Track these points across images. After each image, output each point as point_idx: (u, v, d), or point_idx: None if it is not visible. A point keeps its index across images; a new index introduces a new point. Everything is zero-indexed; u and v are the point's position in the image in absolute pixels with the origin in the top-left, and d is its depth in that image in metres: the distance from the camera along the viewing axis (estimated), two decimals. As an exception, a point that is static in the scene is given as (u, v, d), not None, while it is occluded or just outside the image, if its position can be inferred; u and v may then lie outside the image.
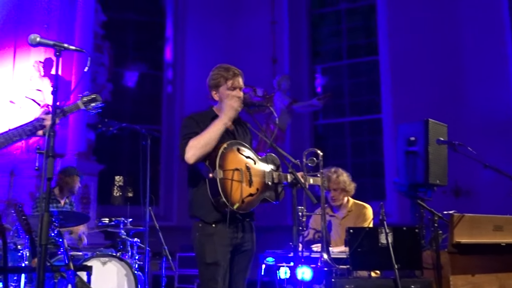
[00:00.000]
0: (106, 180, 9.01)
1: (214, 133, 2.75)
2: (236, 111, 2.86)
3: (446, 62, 8.47)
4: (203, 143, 2.73)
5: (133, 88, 10.59)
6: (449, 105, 8.02)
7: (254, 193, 2.81)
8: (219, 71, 2.97)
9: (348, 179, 4.25)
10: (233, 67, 3.01)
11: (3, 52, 7.94)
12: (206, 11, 10.18)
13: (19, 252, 4.39)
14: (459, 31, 8.53)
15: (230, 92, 2.90)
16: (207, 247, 2.76)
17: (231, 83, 2.93)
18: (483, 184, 7.27)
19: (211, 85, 2.97)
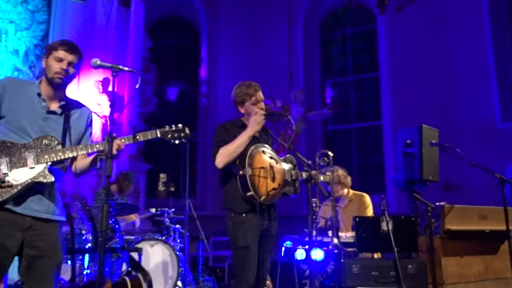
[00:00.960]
0: (153, 177, 9.10)
1: (241, 143, 2.77)
2: (260, 125, 2.86)
3: (437, 76, 8.35)
4: (230, 152, 2.76)
5: (174, 101, 10.69)
6: (440, 113, 7.90)
7: (276, 188, 2.83)
8: (242, 89, 2.96)
9: (343, 173, 4.24)
10: (253, 82, 2.99)
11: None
12: (234, 36, 10.23)
13: (83, 236, 4.46)
14: (448, 50, 8.40)
15: (256, 109, 2.88)
16: (239, 233, 2.77)
17: (254, 99, 2.93)
18: (470, 180, 7.13)
19: (237, 101, 2.98)
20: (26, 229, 2.10)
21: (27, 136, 2.15)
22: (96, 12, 8.54)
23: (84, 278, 4.16)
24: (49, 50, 2.24)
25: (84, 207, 3.62)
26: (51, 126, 2.21)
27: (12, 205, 2.06)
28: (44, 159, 2.11)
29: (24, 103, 2.18)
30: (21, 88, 2.22)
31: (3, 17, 7.79)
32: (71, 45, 2.25)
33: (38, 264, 2.10)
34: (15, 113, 2.15)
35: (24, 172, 2.07)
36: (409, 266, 3.17)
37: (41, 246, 2.11)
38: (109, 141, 2.03)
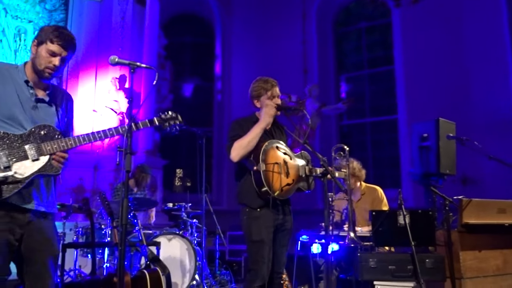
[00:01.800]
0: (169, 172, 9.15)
1: (254, 136, 2.78)
2: (272, 117, 2.88)
3: (453, 69, 8.21)
4: (245, 145, 2.77)
5: (190, 97, 10.74)
6: (456, 106, 7.77)
7: (290, 183, 2.83)
8: (259, 83, 2.98)
9: (358, 166, 4.20)
10: (270, 78, 3.02)
11: (87, 71, 8.19)
12: (248, 32, 10.21)
13: (103, 231, 4.52)
14: (464, 42, 8.25)
15: (268, 102, 2.90)
16: (253, 228, 2.78)
17: (270, 93, 2.94)
18: (488, 173, 7.02)
19: (253, 95, 3.00)
20: (26, 224, 2.06)
21: (20, 126, 2.04)
22: (112, 10, 8.60)
23: (104, 271, 4.22)
24: (43, 37, 2.08)
25: (104, 202, 3.66)
26: (40, 115, 2.12)
27: (15, 200, 2.00)
28: (47, 151, 2.03)
29: (10, 90, 2.05)
30: (6, 74, 2.08)
31: (22, 16, 7.90)
32: (68, 40, 2.12)
33: (37, 257, 2.08)
34: (4, 101, 2.02)
35: (27, 165, 1.99)
36: (427, 260, 3.13)
37: (39, 240, 2.09)
38: (127, 137, 2.04)
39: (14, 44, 7.77)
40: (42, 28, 2.14)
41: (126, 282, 3.05)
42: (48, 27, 2.13)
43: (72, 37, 2.15)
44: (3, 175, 1.91)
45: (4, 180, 1.92)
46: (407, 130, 8.32)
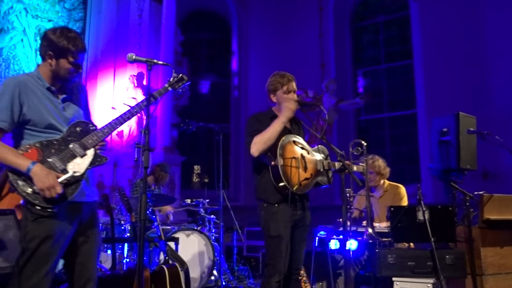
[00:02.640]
0: (187, 169, 9.23)
1: (275, 130, 2.76)
2: (293, 112, 2.86)
3: (473, 62, 8.04)
4: (265, 139, 2.75)
5: (207, 94, 10.78)
6: (477, 100, 7.62)
7: (309, 178, 2.81)
8: (276, 78, 2.98)
9: (383, 164, 4.18)
10: (287, 73, 3.00)
11: (106, 69, 8.29)
12: (264, 28, 10.19)
13: (122, 226, 4.59)
14: (484, 34, 8.07)
15: (287, 96, 2.90)
16: (271, 223, 2.77)
17: (286, 88, 2.93)
18: (509, 168, 6.87)
19: (269, 90, 2.99)
20: (80, 217, 2.19)
21: (58, 131, 2.15)
22: (130, 8, 8.68)
23: (124, 266, 4.29)
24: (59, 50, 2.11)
25: (123, 198, 3.70)
26: (70, 112, 2.22)
27: (78, 197, 2.14)
28: (90, 144, 2.13)
29: (41, 100, 2.13)
30: (31, 87, 2.14)
31: (42, 16, 8.04)
32: (82, 44, 2.18)
33: (85, 248, 2.20)
34: (39, 113, 2.11)
35: (79, 163, 2.11)
36: (447, 256, 3.09)
37: (88, 232, 2.22)
38: (145, 134, 2.07)
39: (34, 43, 7.91)
40: (50, 37, 2.12)
41: (145, 277, 3.10)
42: (57, 36, 2.12)
43: (80, 37, 2.20)
44: (65, 177, 2.04)
45: (68, 182, 2.05)
46: (426, 125, 8.20)
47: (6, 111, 2.04)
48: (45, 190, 1.97)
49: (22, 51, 7.79)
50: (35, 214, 2.04)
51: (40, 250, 2.03)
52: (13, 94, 2.06)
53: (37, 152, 2.06)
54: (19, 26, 7.82)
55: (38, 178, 1.97)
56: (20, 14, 7.86)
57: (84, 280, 2.17)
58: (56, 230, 2.06)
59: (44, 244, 2.03)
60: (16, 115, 2.07)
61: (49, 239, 2.04)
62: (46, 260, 2.04)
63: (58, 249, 2.08)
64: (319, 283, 3.95)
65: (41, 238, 2.03)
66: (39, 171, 1.98)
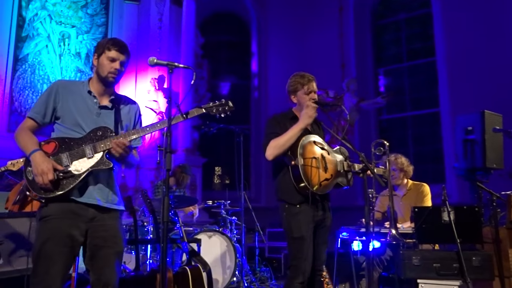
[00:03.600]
0: (208, 171, 9.28)
1: (292, 136, 2.76)
2: (312, 118, 2.83)
3: (498, 58, 7.84)
4: (281, 144, 2.76)
5: (227, 95, 10.82)
6: (503, 97, 7.41)
7: (329, 178, 2.80)
8: (296, 78, 2.97)
9: (407, 162, 4.13)
10: (307, 73, 2.99)
11: (127, 72, 8.38)
12: (284, 29, 10.17)
13: (145, 228, 4.64)
14: (508, 30, 7.86)
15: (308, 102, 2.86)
16: (293, 224, 2.76)
17: (307, 88, 2.92)
18: (538, 167, 6.67)
19: (290, 90, 2.98)
20: (90, 220, 2.21)
21: (83, 131, 2.26)
22: (150, 12, 8.81)
23: (147, 267, 4.34)
24: (101, 49, 2.31)
25: (146, 200, 3.74)
26: (104, 120, 2.32)
27: (77, 196, 2.19)
28: (101, 148, 2.22)
29: (76, 101, 2.29)
30: (71, 88, 2.33)
31: (66, 22, 8.23)
32: (122, 45, 2.34)
33: (101, 253, 2.21)
34: (69, 112, 2.27)
35: (84, 162, 2.20)
36: (473, 258, 3.02)
37: (103, 236, 2.22)
38: (167, 136, 2.09)
39: (58, 49, 8.11)
40: (98, 42, 2.40)
41: (168, 278, 3.12)
42: (103, 40, 2.39)
43: (125, 43, 2.37)
44: (60, 171, 2.14)
45: (62, 176, 2.14)
46: (451, 123, 8.04)
47: (41, 105, 2.28)
48: (38, 175, 2.09)
49: (47, 57, 7.99)
50: (41, 213, 2.16)
51: (44, 250, 2.09)
52: (50, 92, 2.29)
53: (54, 146, 2.20)
54: (43, 33, 8.03)
55: (34, 163, 2.12)
56: (44, 21, 8.07)
57: (102, 284, 2.20)
58: (58, 230, 2.12)
59: (47, 244, 2.10)
60: (49, 110, 2.28)
61: (51, 238, 2.10)
62: (52, 259, 2.08)
63: (63, 249, 2.11)
64: (342, 284, 3.92)
65: (44, 238, 2.11)
66: (37, 157, 2.13)
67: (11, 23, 7.68)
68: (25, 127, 2.26)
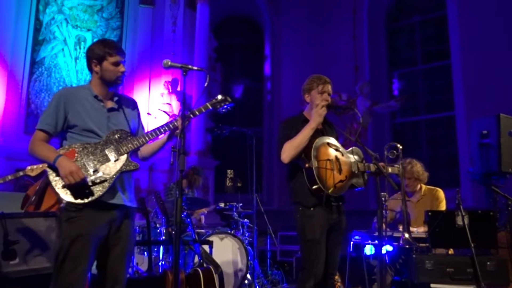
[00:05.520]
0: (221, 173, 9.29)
1: (304, 136, 2.77)
2: (322, 116, 2.85)
3: (515, 62, 7.74)
4: (296, 146, 2.77)
5: (240, 98, 10.86)
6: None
7: (343, 180, 2.79)
8: (312, 78, 3.01)
9: (422, 169, 4.07)
10: (324, 76, 3.02)
11: (142, 76, 8.52)
12: (297, 32, 10.17)
13: (158, 229, 4.68)
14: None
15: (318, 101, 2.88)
16: (307, 227, 2.75)
17: (321, 87, 2.94)
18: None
19: (305, 89, 3.02)
20: (113, 220, 2.28)
21: (96, 135, 2.32)
22: (164, 15, 8.90)
23: (160, 268, 4.37)
24: (100, 55, 2.35)
25: (159, 202, 3.78)
26: (113, 122, 2.39)
27: (107, 198, 2.25)
28: (124, 150, 2.29)
29: (85, 107, 2.34)
30: (77, 95, 2.37)
31: (81, 25, 8.36)
32: (119, 47, 2.43)
33: (113, 251, 2.28)
34: (81, 118, 2.31)
35: (110, 166, 2.26)
36: (488, 263, 2.98)
37: (118, 235, 2.30)
38: (181, 137, 2.12)
39: (74, 52, 8.24)
40: (91, 48, 2.40)
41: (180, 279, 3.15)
42: (96, 45, 2.40)
43: (115, 42, 2.48)
44: (94, 177, 2.20)
45: (94, 181, 2.20)
46: (466, 127, 7.94)
47: (52, 116, 2.30)
48: (68, 176, 2.13)
49: (63, 60, 8.12)
50: (68, 214, 2.19)
51: (73, 249, 2.14)
52: (59, 102, 2.32)
53: (75, 153, 2.25)
54: (60, 36, 8.16)
55: (61, 167, 2.16)
56: (61, 25, 8.21)
57: (111, 282, 2.26)
58: (87, 230, 2.17)
59: (76, 243, 2.15)
60: (61, 120, 2.31)
61: (80, 239, 2.15)
62: (80, 259, 2.14)
63: (90, 249, 2.18)
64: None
65: (72, 237, 2.16)
66: (64, 161, 2.17)
67: (29, 26, 7.83)
68: (38, 140, 2.30)
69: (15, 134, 7.36)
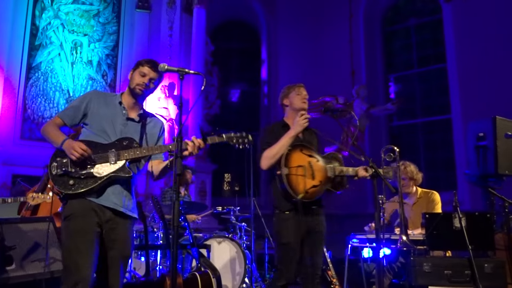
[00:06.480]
0: (218, 177, 9.30)
1: (283, 146, 2.87)
2: (303, 127, 2.93)
3: (508, 64, 7.77)
4: (273, 154, 2.87)
5: (237, 102, 10.87)
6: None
7: (317, 185, 2.86)
8: (287, 86, 3.17)
9: (415, 169, 4.11)
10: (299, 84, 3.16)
11: (138, 80, 8.50)
12: (293, 35, 10.20)
13: (155, 234, 4.67)
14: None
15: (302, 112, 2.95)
16: (281, 231, 2.87)
17: (297, 90, 3.07)
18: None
19: (282, 97, 3.16)
20: (105, 221, 2.31)
21: (107, 137, 2.40)
22: (161, 20, 8.91)
23: (158, 273, 4.35)
24: (136, 65, 2.54)
25: (156, 206, 3.77)
26: (130, 130, 2.47)
27: (95, 197, 2.29)
28: (124, 156, 2.34)
29: (107, 111, 2.46)
30: (105, 99, 2.52)
31: (78, 30, 8.36)
32: (155, 64, 2.51)
33: (108, 255, 2.30)
34: (98, 119, 2.42)
35: (106, 167, 2.31)
36: (486, 265, 2.99)
37: (113, 239, 2.32)
38: (178, 142, 2.12)
39: (71, 57, 8.23)
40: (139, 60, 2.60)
41: (178, 283, 3.14)
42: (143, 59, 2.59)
43: (157, 62, 2.54)
44: (84, 172, 2.27)
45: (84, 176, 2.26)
46: (462, 130, 7.98)
47: (73, 109, 2.46)
48: (73, 152, 2.23)
49: (59, 65, 8.11)
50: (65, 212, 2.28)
51: (73, 244, 2.20)
52: (84, 99, 2.48)
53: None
54: (56, 41, 8.16)
55: (67, 147, 2.27)
56: (57, 30, 8.20)
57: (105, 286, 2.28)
58: (83, 226, 2.23)
59: (75, 238, 2.21)
60: (79, 115, 2.45)
61: (78, 234, 2.22)
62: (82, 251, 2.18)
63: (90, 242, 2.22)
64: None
65: (71, 233, 2.23)
66: (69, 141, 2.30)
67: (25, 31, 7.83)
68: (53, 123, 2.44)
69: (12, 140, 7.33)
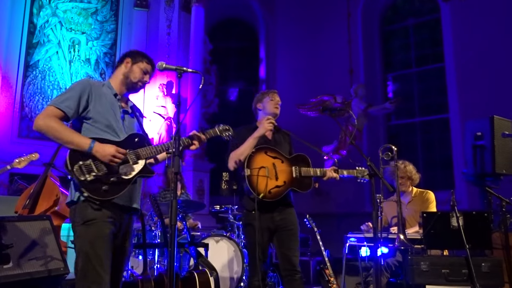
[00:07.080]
0: (216, 176, 9.29)
1: (248, 147, 2.98)
2: (265, 130, 3.05)
3: (507, 64, 7.80)
4: (238, 155, 2.97)
5: (235, 101, 10.86)
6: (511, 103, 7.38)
7: (281, 185, 2.94)
8: (261, 92, 3.32)
9: (414, 170, 4.14)
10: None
11: (136, 78, 8.49)
12: (292, 34, 10.20)
13: (153, 232, 4.66)
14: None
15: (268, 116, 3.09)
16: (248, 229, 2.97)
17: (271, 95, 3.21)
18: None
19: (256, 101, 3.29)
20: (121, 222, 2.29)
21: (115, 133, 2.30)
22: (159, 18, 8.90)
23: (155, 271, 4.35)
24: (138, 58, 2.45)
25: (154, 205, 3.77)
26: (127, 124, 2.39)
27: (124, 201, 2.26)
28: (143, 155, 2.29)
29: (106, 103, 2.32)
30: (101, 90, 2.36)
31: (76, 28, 8.34)
32: (154, 63, 2.50)
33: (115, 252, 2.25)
34: (102, 113, 2.29)
35: (130, 168, 2.24)
36: (483, 263, 3.00)
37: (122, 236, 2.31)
38: (175, 140, 2.12)
39: (69, 55, 8.22)
40: (133, 51, 2.54)
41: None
42: (138, 51, 2.54)
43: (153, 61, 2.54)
44: (113, 175, 2.17)
45: (115, 180, 2.17)
46: (460, 129, 7.99)
47: (74, 100, 2.24)
48: (114, 160, 2.15)
49: (57, 63, 8.10)
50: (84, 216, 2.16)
51: (94, 250, 2.12)
52: (84, 89, 2.29)
53: None
54: (54, 39, 8.14)
55: (100, 153, 2.15)
56: (55, 28, 8.19)
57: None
58: (104, 233, 2.17)
59: (95, 245, 2.13)
60: (82, 107, 2.26)
61: (98, 241, 2.14)
62: (101, 259, 2.12)
63: (107, 252, 2.17)
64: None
65: (92, 240, 2.14)
66: (99, 147, 2.16)
67: (23, 29, 7.81)
68: (54, 117, 2.19)
69: (9, 138, 7.32)
